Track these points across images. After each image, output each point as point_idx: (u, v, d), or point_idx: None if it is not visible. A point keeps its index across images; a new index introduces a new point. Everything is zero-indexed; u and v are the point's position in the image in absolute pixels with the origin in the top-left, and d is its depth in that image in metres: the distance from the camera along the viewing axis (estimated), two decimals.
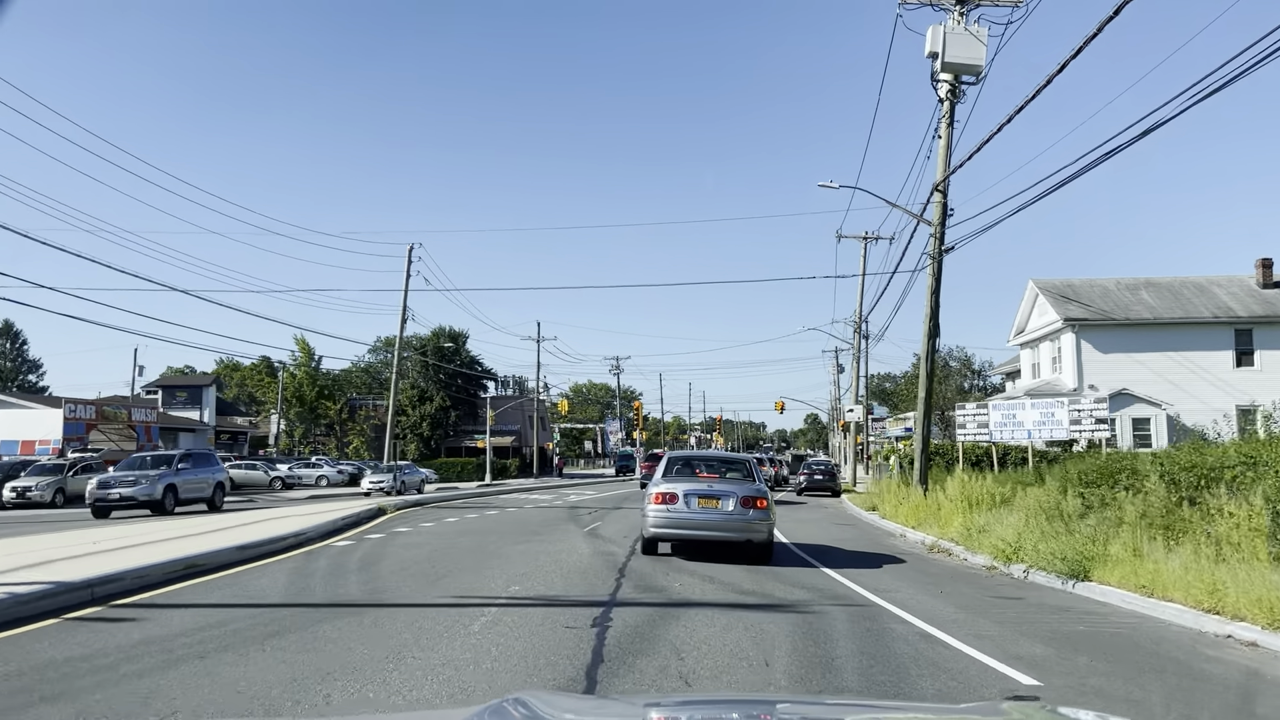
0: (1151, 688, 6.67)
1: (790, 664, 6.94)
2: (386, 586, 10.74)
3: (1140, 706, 6.14)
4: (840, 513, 29.12)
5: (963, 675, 6.84)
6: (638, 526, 16.47)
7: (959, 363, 71.89)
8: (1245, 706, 6.52)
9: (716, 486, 14.27)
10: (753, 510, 13.82)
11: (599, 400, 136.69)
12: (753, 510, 13.82)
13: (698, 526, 13.71)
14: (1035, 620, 9.51)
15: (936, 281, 23.61)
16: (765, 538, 14.13)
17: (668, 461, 16.15)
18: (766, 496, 14.35)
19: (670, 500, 13.81)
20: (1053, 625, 9.23)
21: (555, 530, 19.76)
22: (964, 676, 6.80)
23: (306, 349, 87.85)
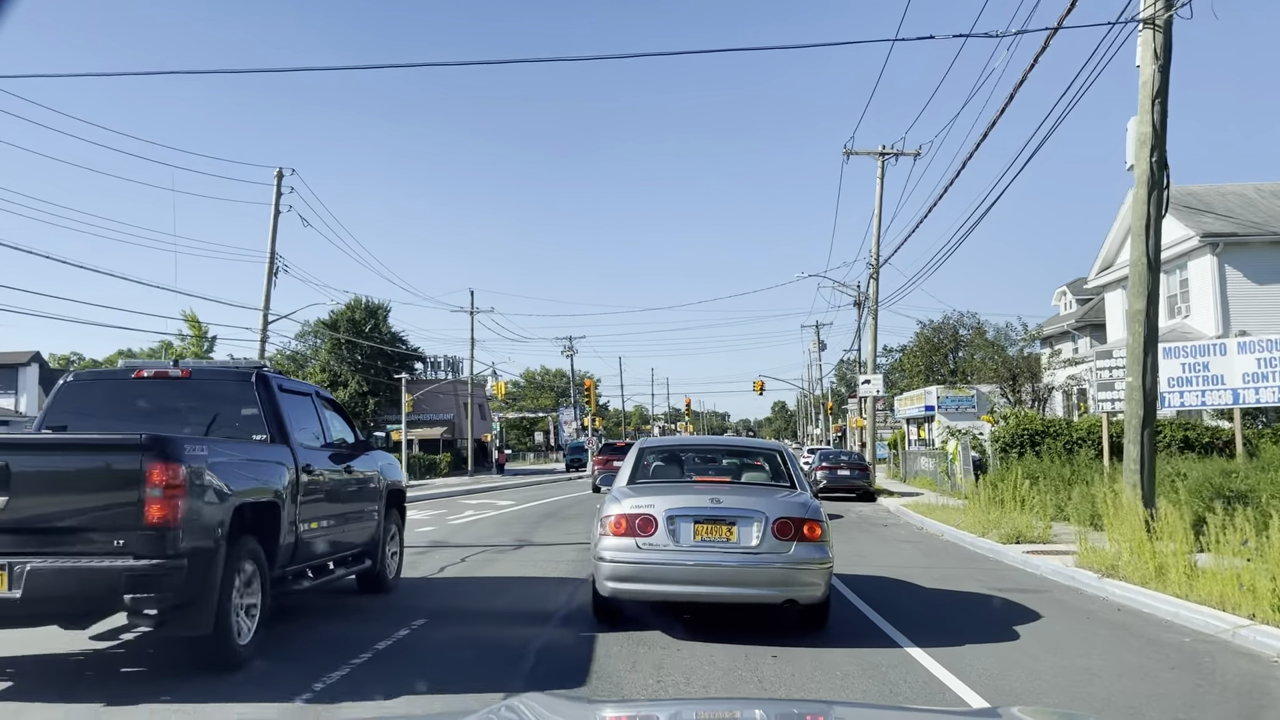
0: None
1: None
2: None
3: None
4: (932, 541, 16.58)
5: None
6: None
7: (995, 332, 59.22)
8: None
9: (728, 501, 7.30)
10: (798, 544, 7.06)
11: (552, 387, 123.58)
12: (798, 544, 7.06)
13: (696, 579, 7.05)
14: None
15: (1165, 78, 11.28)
16: (820, 594, 7.22)
17: (639, 455, 8.68)
18: (819, 518, 7.33)
19: (643, 529, 7.11)
20: None
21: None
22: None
23: (197, 327, 74.05)
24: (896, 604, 9.22)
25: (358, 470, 8.93)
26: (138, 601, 5.59)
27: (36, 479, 5.79)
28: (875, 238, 38.07)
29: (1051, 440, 21.25)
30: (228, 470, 6.37)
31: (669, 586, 7.09)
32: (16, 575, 5.46)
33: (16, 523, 5.63)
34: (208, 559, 5.96)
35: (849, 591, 10.03)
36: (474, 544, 14.41)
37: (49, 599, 5.57)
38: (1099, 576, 9.76)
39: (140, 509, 5.61)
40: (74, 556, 5.61)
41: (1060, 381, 31.37)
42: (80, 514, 5.77)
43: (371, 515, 9.16)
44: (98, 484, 5.78)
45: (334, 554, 8.31)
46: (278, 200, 40.24)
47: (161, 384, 7.79)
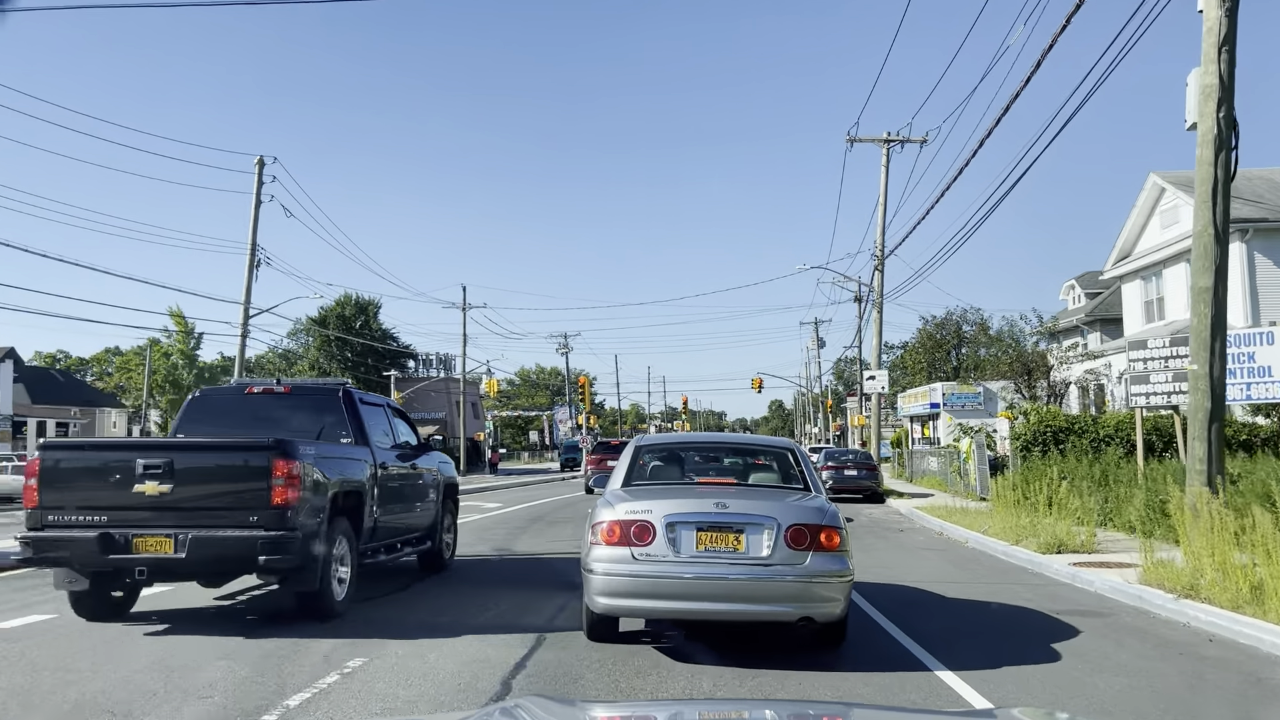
0: None
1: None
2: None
3: None
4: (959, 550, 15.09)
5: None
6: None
7: (1008, 324, 57.47)
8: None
9: (735, 505, 6.53)
10: (815, 555, 6.30)
11: (548, 385, 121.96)
12: (815, 555, 6.30)
13: (699, 594, 6.29)
14: None
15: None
16: (839, 611, 6.43)
17: (634, 454, 7.90)
18: (838, 524, 6.50)
19: (639, 537, 6.37)
20: None
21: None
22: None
23: (183, 324, 72.38)
24: (929, 625, 7.83)
25: (420, 467, 10.56)
26: (268, 562, 7.32)
27: (193, 472, 7.59)
28: (880, 227, 36.63)
29: (1076, 438, 19.75)
30: (327, 465, 8.09)
31: (669, 603, 6.33)
32: (181, 542, 7.29)
33: (179, 504, 7.44)
34: (315, 533, 7.69)
35: (871, 608, 8.64)
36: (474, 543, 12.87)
37: (204, 560, 7.41)
38: (1175, 597, 8.26)
39: (268, 493, 7.37)
40: (221, 528, 7.38)
41: (1076, 376, 29.90)
42: (225, 497, 7.53)
43: (431, 504, 10.78)
44: (237, 475, 7.57)
45: (402, 536, 9.91)
46: (259, 190, 38.69)
47: (267, 397, 9.58)
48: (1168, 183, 27.96)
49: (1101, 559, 11.16)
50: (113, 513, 7.46)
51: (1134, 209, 29.78)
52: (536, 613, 8.24)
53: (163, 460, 7.51)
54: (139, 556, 7.36)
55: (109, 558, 7.36)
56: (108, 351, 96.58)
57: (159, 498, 7.42)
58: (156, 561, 7.38)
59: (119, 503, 7.46)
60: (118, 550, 7.35)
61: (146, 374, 69.02)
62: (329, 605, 7.89)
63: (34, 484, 7.59)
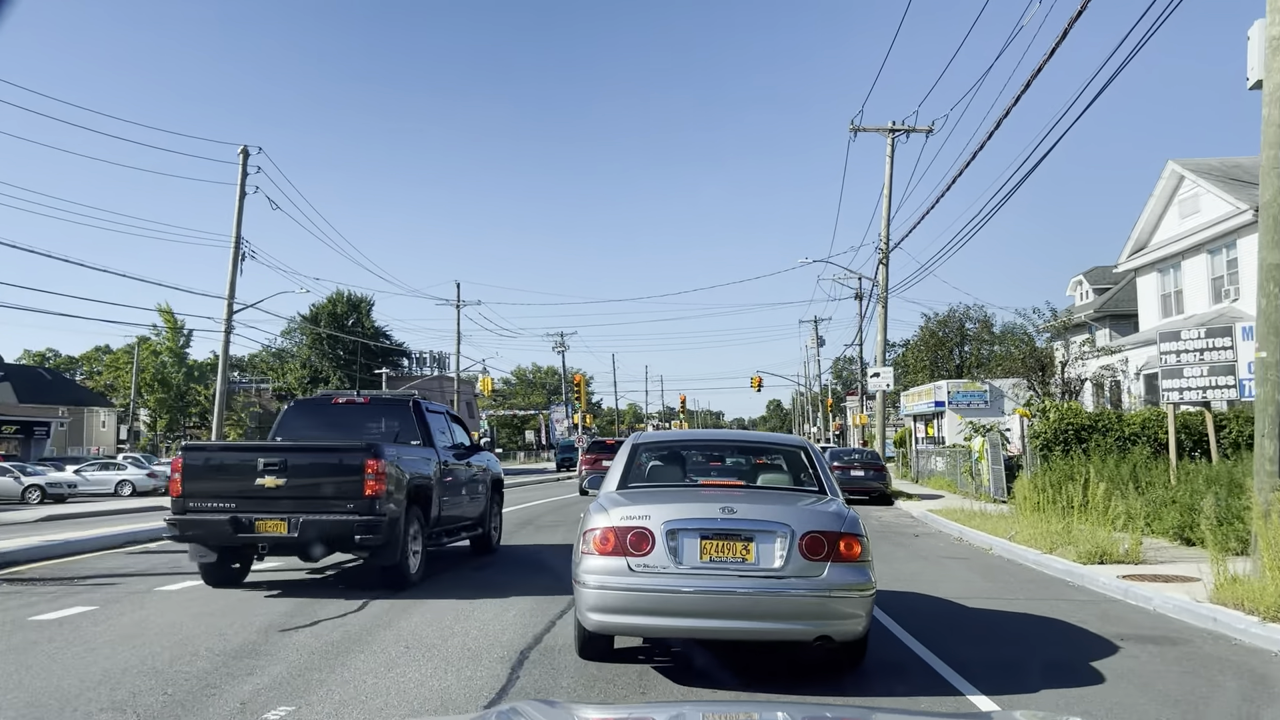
0: None
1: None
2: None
3: None
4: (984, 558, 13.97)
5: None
6: None
7: (1021, 317, 56.32)
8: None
9: (743, 510, 5.92)
10: (834, 566, 5.68)
11: (544, 384, 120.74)
12: (834, 566, 5.68)
13: (703, 610, 5.67)
14: None
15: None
16: (860, 629, 5.80)
17: (631, 453, 7.29)
18: (859, 531, 5.87)
19: (637, 546, 5.77)
20: None
21: None
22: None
23: (172, 321, 71.13)
24: (965, 648, 6.72)
25: (473, 465, 12.17)
26: (362, 540, 8.98)
27: (302, 468, 9.15)
28: (885, 219, 35.50)
29: (1100, 436, 18.58)
30: (404, 463, 9.66)
31: (669, 620, 5.72)
32: (294, 524, 8.91)
33: (291, 493, 9.04)
34: (397, 517, 9.20)
35: (895, 625, 7.58)
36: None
37: (311, 538, 9.00)
38: (1260, 620, 7.08)
39: (361, 485, 8.95)
40: (325, 513, 8.98)
41: (1091, 372, 28.72)
42: (327, 488, 9.08)
43: (481, 497, 12.33)
44: (337, 471, 9.10)
45: (460, 523, 11.51)
46: (243, 181, 37.44)
47: (349, 406, 11.48)
48: (1187, 170, 26.83)
49: (1153, 571, 9.99)
50: (239, 500, 9.14)
51: (1151, 199, 28.63)
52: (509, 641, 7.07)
53: (279, 459, 9.20)
54: (260, 535, 9.08)
55: (237, 536, 9.10)
56: (98, 350, 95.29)
57: (275, 489, 9.12)
58: (274, 539, 9.15)
59: (244, 493, 9.15)
60: (244, 530, 9.04)
61: (135, 373, 67.72)
62: (406, 575, 9.52)
63: (178, 478, 9.29)
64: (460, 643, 6.88)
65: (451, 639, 7.02)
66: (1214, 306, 25.83)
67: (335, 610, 8.18)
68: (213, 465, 9.45)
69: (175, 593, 9.36)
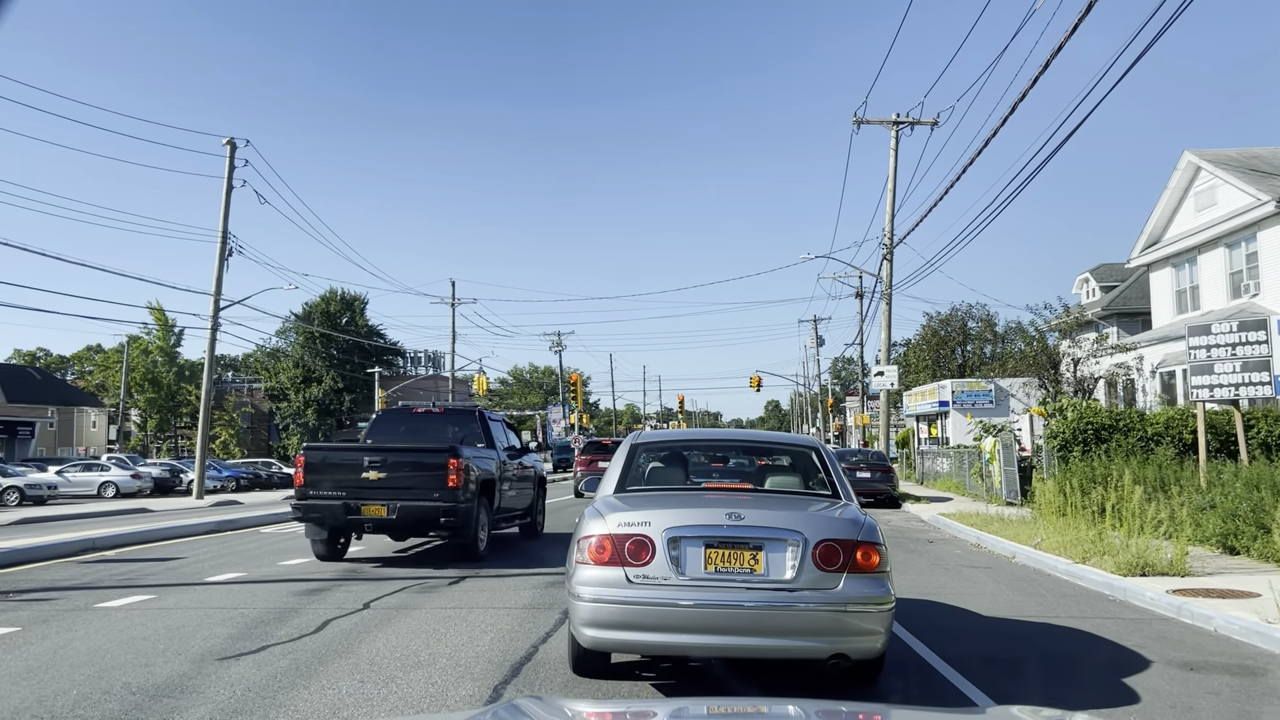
0: None
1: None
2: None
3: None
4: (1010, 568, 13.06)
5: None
6: None
7: (1031, 313, 55.43)
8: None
9: (752, 516, 5.50)
10: (850, 577, 5.27)
11: (541, 384, 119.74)
12: (850, 577, 5.27)
13: (708, 625, 5.23)
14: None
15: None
16: (878, 646, 5.34)
17: (630, 454, 6.83)
18: (877, 540, 5.44)
19: (635, 555, 5.36)
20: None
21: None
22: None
23: (163, 319, 70.03)
24: (1007, 680, 5.81)
25: (524, 464, 14.26)
26: (445, 522, 11.36)
27: (399, 464, 11.44)
28: (889, 214, 34.53)
29: (1122, 436, 17.64)
30: (475, 461, 11.92)
31: (671, 636, 5.28)
32: (392, 509, 11.22)
33: (389, 484, 11.30)
34: (471, 505, 11.52)
35: (919, 644, 6.68)
36: (400, 575, 10.75)
37: (406, 520, 11.40)
38: None
39: (445, 478, 11.24)
40: (416, 500, 11.24)
41: (1104, 370, 27.80)
42: (418, 480, 11.31)
43: (529, 490, 14.49)
44: (426, 467, 11.36)
45: (514, 511, 13.67)
46: (230, 174, 36.48)
47: (427, 415, 13.84)
48: (1204, 161, 25.91)
49: (1203, 584, 9.02)
50: (349, 490, 11.28)
51: (1165, 191, 27.71)
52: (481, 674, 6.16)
53: (380, 457, 11.43)
54: (365, 517, 11.29)
55: (347, 518, 11.31)
56: (89, 349, 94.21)
57: (377, 481, 11.24)
58: (376, 521, 11.34)
59: (352, 484, 11.29)
60: (352, 513, 11.24)
61: (124, 372, 66.65)
62: (476, 551, 11.72)
63: (300, 472, 11.53)
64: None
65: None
66: (1232, 302, 24.90)
67: (287, 632, 7.20)
68: (328, 462, 11.69)
69: (115, 610, 8.27)
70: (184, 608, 8.35)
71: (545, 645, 6.87)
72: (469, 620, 7.78)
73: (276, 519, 19.87)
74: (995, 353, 61.18)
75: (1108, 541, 10.98)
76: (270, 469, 51.08)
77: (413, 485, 11.22)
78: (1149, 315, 36.26)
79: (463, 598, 9.00)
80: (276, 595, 9.09)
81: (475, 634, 7.24)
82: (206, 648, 6.62)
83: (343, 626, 7.47)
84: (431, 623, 7.67)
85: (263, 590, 9.43)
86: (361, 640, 6.96)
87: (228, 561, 12.01)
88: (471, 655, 6.53)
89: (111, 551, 13.05)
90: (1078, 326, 35.36)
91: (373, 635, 7.14)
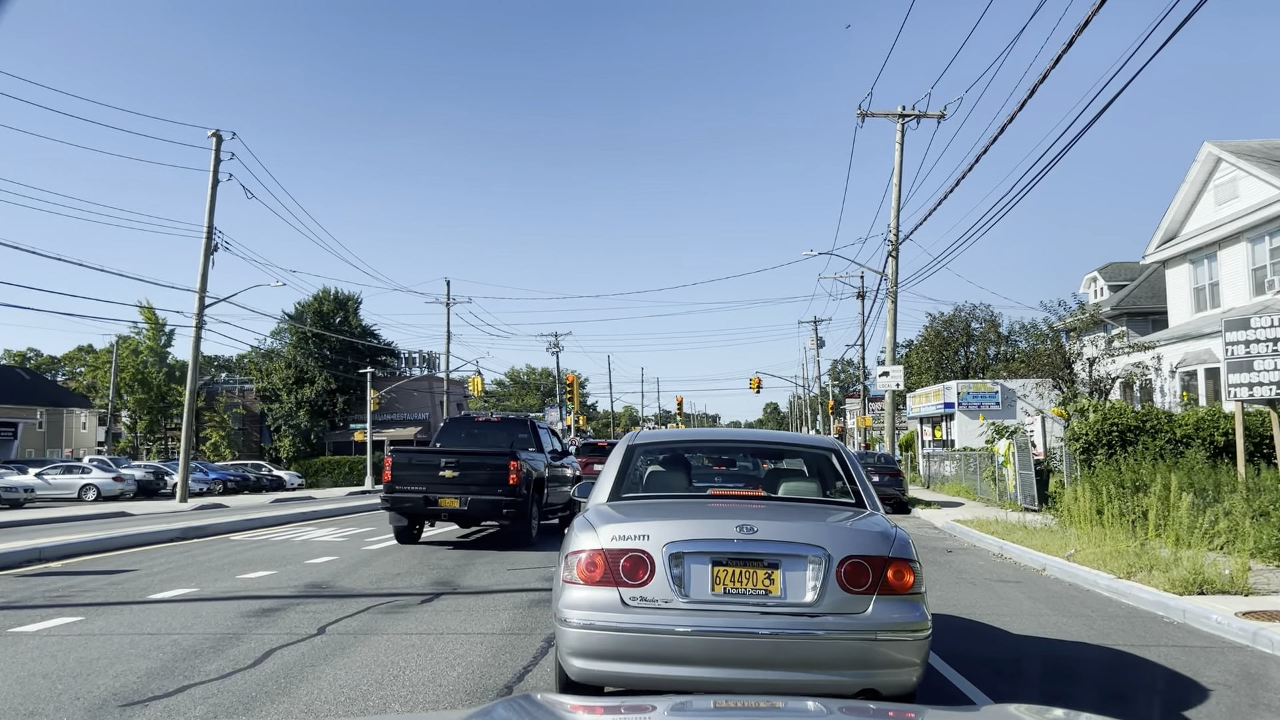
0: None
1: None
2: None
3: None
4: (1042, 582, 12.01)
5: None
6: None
7: (1044, 311, 54.29)
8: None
9: (766, 528, 4.71)
10: (880, 600, 4.55)
11: (538, 386, 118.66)
12: (880, 600, 4.55)
13: (716, 656, 4.47)
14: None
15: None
16: (913, 680, 4.54)
17: (626, 456, 6.04)
18: (910, 556, 4.68)
19: (632, 574, 4.65)
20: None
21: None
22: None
23: (153, 319, 68.92)
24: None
25: (565, 465, 16.70)
26: (507, 514, 13.66)
27: (469, 465, 13.74)
28: (894, 209, 33.51)
29: (1149, 438, 16.59)
30: (529, 463, 14.31)
31: (672, 668, 4.54)
32: (464, 501, 13.51)
33: (461, 481, 13.60)
34: (527, 499, 13.88)
35: (957, 676, 5.77)
36: (368, 591, 9.67)
37: (475, 511, 13.66)
38: None
39: (507, 476, 13.54)
40: (483, 495, 13.55)
41: (1120, 370, 26.75)
42: (485, 478, 13.60)
43: (567, 488, 16.28)
44: (491, 468, 13.63)
45: (556, 505, 15.86)
46: (215, 167, 35.44)
47: (487, 423, 16.50)
48: (1225, 153, 24.88)
49: (1273, 605, 7.95)
50: (428, 485, 13.62)
51: (1183, 184, 26.67)
52: None
53: (454, 459, 13.76)
54: (442, 508, 13.64)
55: (427, 508, 13.70)
56: (80, 350, 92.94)
57: (451, 478, 13.58)
58: (451, 511, 13.69)
59: (431, 480, 13.64)
60: (431, 505, 13.63)
61: (113, 372, 65.42)
62: (530, 538, 13.95)
63: (388, 470, 13.85)
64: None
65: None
66: (1255, 299, 23.86)
67: (218, 667, 6.12)
68: (411, 463, 14.01)
69: (29, 637, 7.12)
70: (110, 633, 7.26)
71: (524, 682, 5.83)
72: (436, 650, 6.70)
73: (251, 525, 18.78)
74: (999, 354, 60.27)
75: (1152, 554, 9.93)
76: (260, 471, 49.96)
77: (480, 482, 13.57)
78: (1160, 315, 35.26)
79: (433, 620, 7.91)
80: (222, 617, 8.00)
81: (441, 668, 6.17)
82: (114, 689, 5.53)
83: (286, 658, 6.39)
84: (392, 652, 6.59)
85: (208, 610, 8.34)
86: (305, 676, 5.88)
87: (183, 574, 10.91)
88: (434, 695, 5.48)
89: (58, 563, 11.95)
90: (1093, 325, 34.29)
91: (319, 670, 6.06)
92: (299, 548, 14.25)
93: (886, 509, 19.98)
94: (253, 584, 10.13)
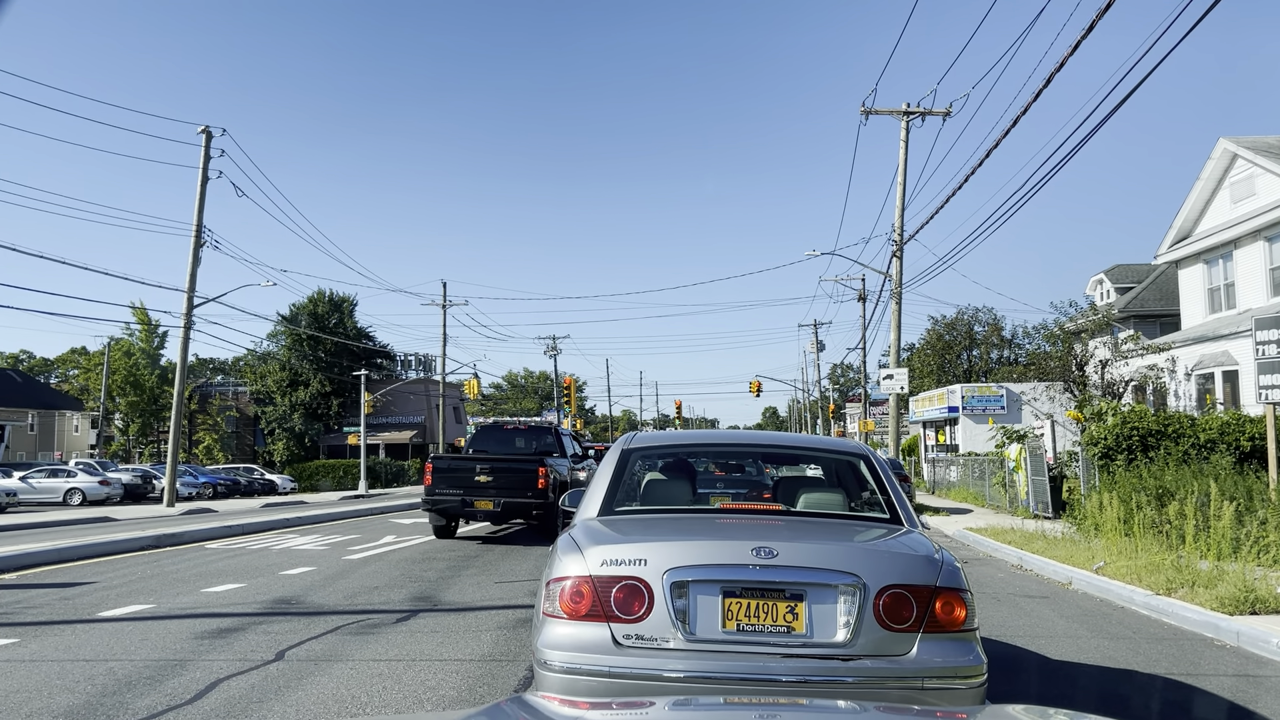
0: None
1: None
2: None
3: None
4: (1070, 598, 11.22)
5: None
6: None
7: (1056, 312, 53.57)
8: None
9: (787, 551, 3.79)
10: (927, 639, 3.66)
11: (536, 389, 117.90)
12: (927, 639, 3.66)
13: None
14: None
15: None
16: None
17: (620, 463, 4.96)
18: (961, 585, 3.78)
19: (626, 606, 3.77)
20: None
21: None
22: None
23: (146, 320, 68.04)
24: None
25: (583, 468, 18.26)
26: (535, 514, 15.10)
27: (501, 470, 14.99)
28: (899, 207, 32.77)
29: (1171, 443, 15.82)
30: (555, 468, 15.57)
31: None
32: (497, 503, 14.74)
33: (495, 484, 14.87)
34: (553, 500, 14.69)
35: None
36: (339, 607, 8.89)
37: (507, 511, 14.98)
38: None
39: (536, 480, 14.78)
40: (515, 497, 14.83)
41: (1133, 372, 26.00)
42: (516, 481, 14.86)
43: None
44: (522, 472, 14.99)
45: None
46: (205, 164, 34.71)
47: (515, 430, 18.22)
48: (1242, 149, 24.16)
49: None
50: (465, 488, 14.97)
51: (1197, 182, 25.96)
52: None
53: (488, 465, 15.06)
54: (477, 509, 15.03)
55: (464, 509, 15.16)
56: (74, 352, 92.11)
57: (486, 482, 14.90)
58: (485, 512, 15.03)
59: (467, 484, 14.98)
60: (468, 506, 15.02)
61: (105, 374, 64.57)
62: (556, 536, 14.55)
63: (429, 475, 15.12)
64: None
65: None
66: (1273, 299, 23.12)
67: (152, 703, 5.33)
68: (450, 469, 15.19)
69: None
70: (41, 659, 6.47)
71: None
72: (404, 680, 5.92)
73: (232, 531, 17.98)
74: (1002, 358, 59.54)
75: (1191, 568, 9.16)
76: (251, 475, 49.14)
77: (512, 485, 14.78)
78: (1169, 317, 34.53)
79: (406, 644, 7.12)
80: (173, 638, 7.21)
81: (408, 703, 5.40)
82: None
83: (232, 691, 5.60)
84: (354, 684, 5.81)
85: (159, 630, 7.55)
86: (249, 714, 5.10)
87: (143, 588, 10.11)
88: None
89: (12, 574, 11.14)
90: (1104, 326, 33.57)
91: (267, 706, 5.28)
92: (276, 557, 13.45)
93: None
94: (216, 599, 9.34)
